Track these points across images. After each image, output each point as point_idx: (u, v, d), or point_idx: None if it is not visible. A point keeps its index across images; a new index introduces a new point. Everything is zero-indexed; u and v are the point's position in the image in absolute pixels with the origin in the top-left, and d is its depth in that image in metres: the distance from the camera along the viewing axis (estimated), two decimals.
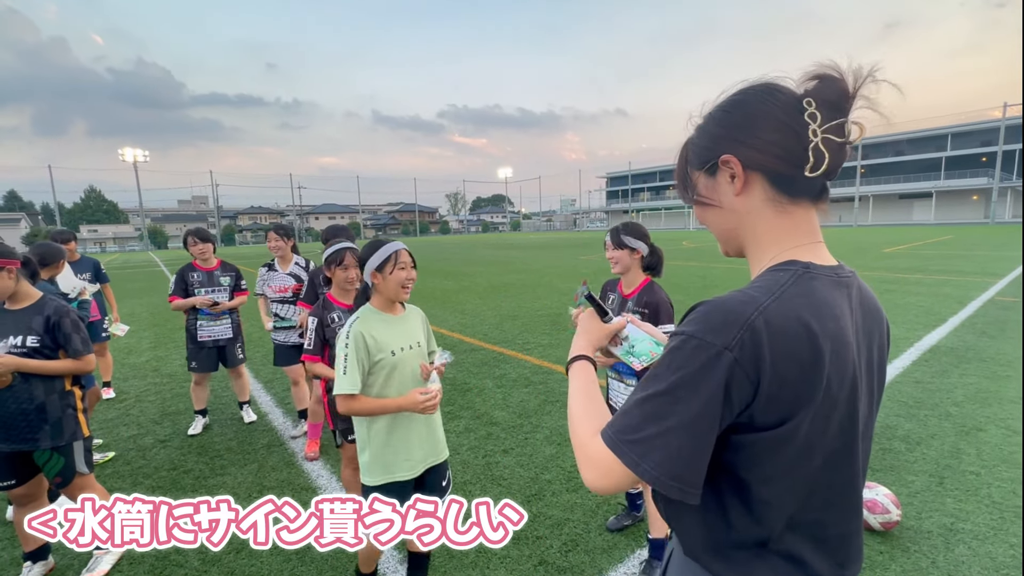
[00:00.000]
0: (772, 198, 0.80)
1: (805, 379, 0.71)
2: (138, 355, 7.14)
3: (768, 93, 0.79)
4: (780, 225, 0.81)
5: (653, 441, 0.72)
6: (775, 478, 0.76)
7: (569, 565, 2.48)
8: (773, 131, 0.77)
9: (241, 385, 4.47)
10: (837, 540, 0.82)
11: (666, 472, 0.71)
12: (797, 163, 0.76)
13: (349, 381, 1.89)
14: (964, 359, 5.37)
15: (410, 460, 2.00)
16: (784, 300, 0.73)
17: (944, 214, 55.22)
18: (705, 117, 0.86)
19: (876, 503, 2.56)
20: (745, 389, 0.70)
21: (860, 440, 0.80)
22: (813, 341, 0.71)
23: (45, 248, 3.53)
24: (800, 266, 0.78)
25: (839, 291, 0.79)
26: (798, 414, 0.72)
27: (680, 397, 0.71)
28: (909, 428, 3.80)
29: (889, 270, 13.01)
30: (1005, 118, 47.90)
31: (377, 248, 1.98)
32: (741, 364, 0.69)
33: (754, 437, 0.74)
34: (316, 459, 3.68)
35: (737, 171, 0.80)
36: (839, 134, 0.75)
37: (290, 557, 2.60)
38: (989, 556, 2.41)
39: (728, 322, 0.71)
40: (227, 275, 4.29)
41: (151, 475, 3.56)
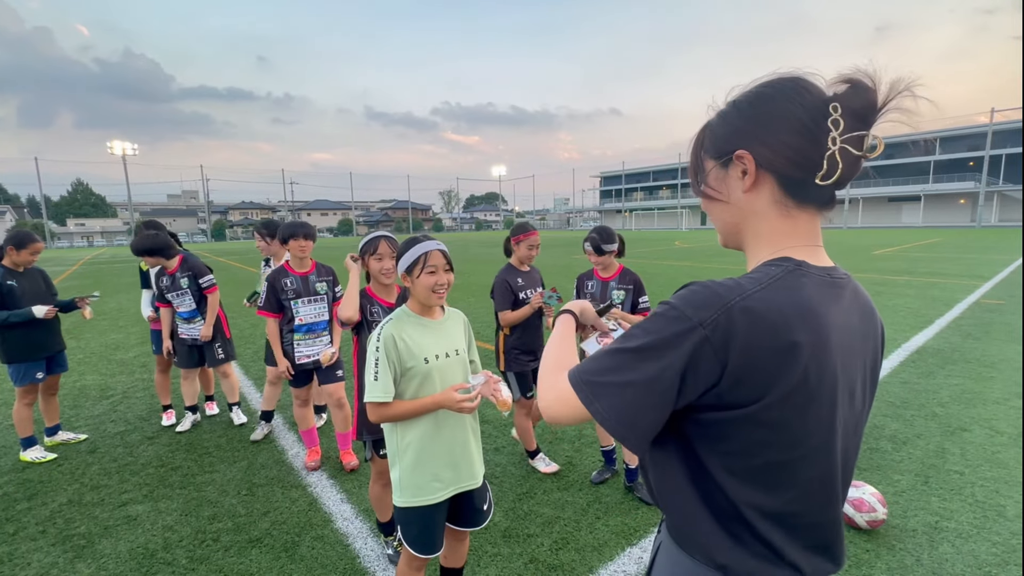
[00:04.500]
0: (779, 200, 0.80)
1: (777, 367, 0.72)
2: (126, 351, 7.06)
3: (796, 92, 0.77)
4: (782, 227, 0.82)
5: (609, 388, 0.77)
6: (744, 458, 0.78)
7: (560, 563, 2.49)
8: (793, 134, 0.76)
9: (229, 385, 4.34)
10: (811, 528, 0.83)
11: (615, 416, 0.76)
12: (810, 169, 0.76)
13: (381, 387, 1.73)
14: (950, 360, 5.45)
15: (440, 482, 1.82)
16: (769, 291, 0.74)
17: (932, 217, 55.95)
18: (728, 104, 0.84)
19: (863, 502, 2.59)
20: (711, 367, 0.73)
21: (840, 438, 0.81)
22: (790, 333, 0.72)
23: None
24: (793, 263, 0.79)
25: (830, 291, 0.79)
26: (765, 397, 0.74)
27: (645, 357, 0.75)
28: (896, 428, 3.85)
29: (878, 272, 13.16)
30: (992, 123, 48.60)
31: (409, 247, 1.82)
32: (711, 343, 0.72)
33: (721, 415, 0.76)
34: (318, 468, 3.50)
35: (750, 168, 0.80)
36: (858, 146, 0.74)
37: (279, 555, 2.59)
38: (972, 554, 2.45)
39: (709, 302, 0.73)
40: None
41: (138, 472, 3.52)
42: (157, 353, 4.40)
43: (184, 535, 2.78)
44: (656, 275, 13.27)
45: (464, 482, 1.88)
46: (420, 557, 1.85)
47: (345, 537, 2.73)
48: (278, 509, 3.01)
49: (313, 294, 3.43)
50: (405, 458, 1.81)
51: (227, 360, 4.28)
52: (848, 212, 57.97)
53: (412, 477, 1.80)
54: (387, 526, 2.58)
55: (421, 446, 1.80)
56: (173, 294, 4.06)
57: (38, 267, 3.93)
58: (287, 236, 3.41)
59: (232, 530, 2.81)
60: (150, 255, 3.96)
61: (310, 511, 2.99)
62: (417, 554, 1.83)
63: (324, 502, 3.08)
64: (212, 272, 4.21)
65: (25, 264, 3.76)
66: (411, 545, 1.83)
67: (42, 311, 3.63)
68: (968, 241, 25.22)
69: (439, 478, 1.82)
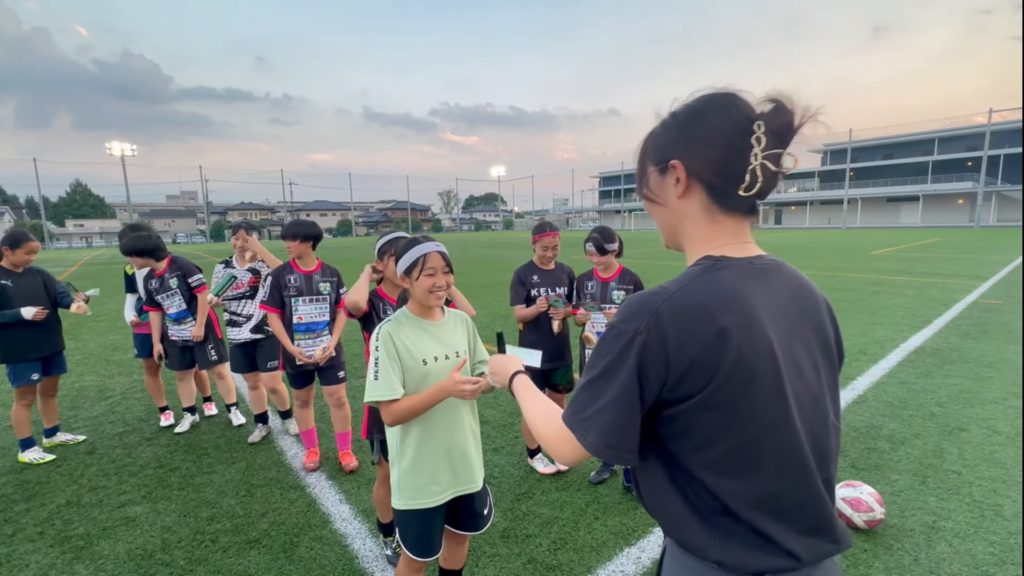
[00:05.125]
0: (707, 207, 0.89)
1: (709, 353, 0.79)
2: (125, 352, 7.05)
3: (725, 108, 0.85)
4: (710, 231, 0.90)
5: (592, 419, 0.85)
6: (708, 445, 0.83)
7: (558, 563, 2.49)
8: (720, 148, 0.84)
9: (226, 387, 4.31)
10: (796, 508, 0.85)
11: (603, 443, 0.84)
12: (734, 181, 0.84)
13: (384, 386, 1.69)
14: (948, 360, 5.46)
15: (438, 485, 1.80)
16: (689, 288, 0.83)
17: (930, 217, 56.03)
18: (669, 116, 0.92)
19: (860, 501, 2.60)
20: (658, 366, 0.81)
21: (797, 408, 0.85)
22: (716, 319, 0.80)
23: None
24: (711, 260, 0.88)
25: (751, 277, 0.86)
26: (710, 382, 0.80)
27: (607, 379, 0.84)
28: (894, 428, 3.86)
29: (877, 272, 13.18)
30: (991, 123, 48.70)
31: (407, 248, 1.80)
32: (650, 345, 0.80)
33: (678, 409, 0.83)
34: (316, 470, 3.50)
35: (681, 177, 0.88)
36: (776, 163, 0.82)
37: (278, 556, 2.59)
38: (970, 554, 2.46)
39: (639, 311, 0.83)
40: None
41: (137, 473, 3.52)
42: (141, 357, 4.38)
43: (183, 536, 2.78)
44: (655, 276, 13.28)
45: (463, 485, 1.86)
46: (419, 560, 1.84)
47: (344, 538, 2.73)
48: (277, 510, 3.01)
49: (315, 294, 3.42)
50: (404, 460, 1.80)
51: (220, 362, 4.22)
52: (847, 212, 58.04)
53: (410, 479, 1.79)
54: (388, 527, 2.58)
55: (420, 448, 1.79)
56: (163, 295, 4.03)
57: (40, 268, 3.91)
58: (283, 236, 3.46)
59: (231, 531, 2.81)
60: (140, 256, 3.94)
61: (309, 512, 2.99)
62: (415, 557, 1.83)
63: (323, 503, 3.08)
64: (201, 271, 4.20)
65: (23, 264, 3.75)
66: (409, 548, 1.82)
67: (30, 313, 3.61)
68: (966, 241, 25.27)
69: (437, 481, 1.80)
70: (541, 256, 3.26)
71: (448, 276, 1.82)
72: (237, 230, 4.00)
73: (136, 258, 3.97)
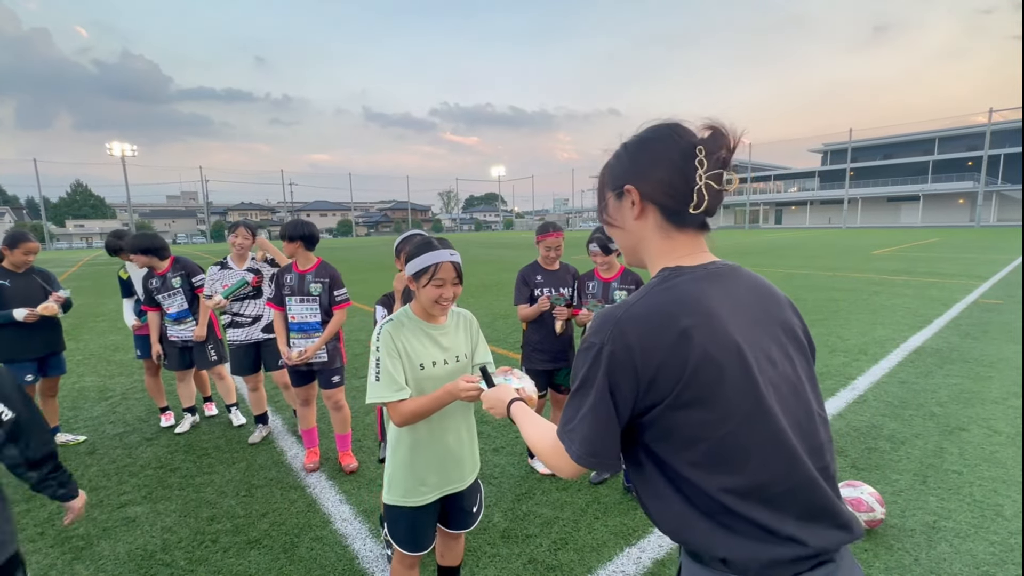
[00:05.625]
0: (661, 226, 0.97)
1: (674, 354, 0.84)
2: (125, 352, 7.05)
3: (670, 137, 0.93)
4: (667, 247, 0.98)
5: (575, 430, 0.92)
6: (691, 443, 0.86)
7: (559, 563, 2.49)
8: (667, 171, 0.92)
9: (226, 387, 4.30)
10: (788, 495, 0.86)
11: (586, 450, 0.90)
12: (684, 201, 0.92)
13: (385, 387, 1.66)
14: (948, 360, 5.46)
15: (425, 486, 1.80)
16: (648, 298, 0.90)
17: (931, 217, 56.00)
18: (621, 147, 1.01)
19: (861, 501, 2.60)
20: (627, 373, 0.86)
21: (776, 400, 0.88)
22: (675, 325, 0.85)
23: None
24: (668, 271, 0.94)
25: (708, 279, 0.92)
26: (680, 382, 0.84)
27: (584, 392, 0.90)
28: (894, 428, 3.86)
29: (877, 272, 13.18)
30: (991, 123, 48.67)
31: (421, 252, 1.73)
32: (616, 355, 0.86)
33: (656, 413, 0.87)
34: (317, 470, 3.49)
35: (636, 200, 0.96)
36: (717, 182, 0.90)
37: (278, 556, 2.59)
38: (970, 554, 2.46)
39: (604, 324, 0.89)
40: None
41: (137, 473, 3.52)
42: (142, 358, 4.38)
43: (183, 536, 2.78)
44: None
45: (452, 485, 1.86)
46: (410, 555, 1.85)
47: (344, 538, 2.73)
48: (277, 510, 3.01)
49: (305, 294, 3.39)
50: (397, 456, 1.81)
51: (220, 362, 4.21)
52: (847, 212, 58.02)
53: (401, 477, 1.80)
54: None
55: (414, 448, 1.79)
56: (164, 295, 4.03)
57: (42, 269, 3.90)
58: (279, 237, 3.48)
59: (231, 531, 2.81)
60: (145, 254, 3.95)
61: (309, 512, 2.99)
62: (405, 552, 1.84)
63: (323, 503, 3.08)
64: (204, 272, 4.20)
65: (22, 265, 3.75)
66: (399, 543, 1.84)
67: (21, 314, 3.60)
68: (967, 241, 25.25)
69: (425, 482, 1.80)
70: (545, 256, 3.26)
71: (457, 288, 1.76)
72: (236, 228, 3.97)
73: (140, 256, 3.96)
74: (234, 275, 3.93)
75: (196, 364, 4.20)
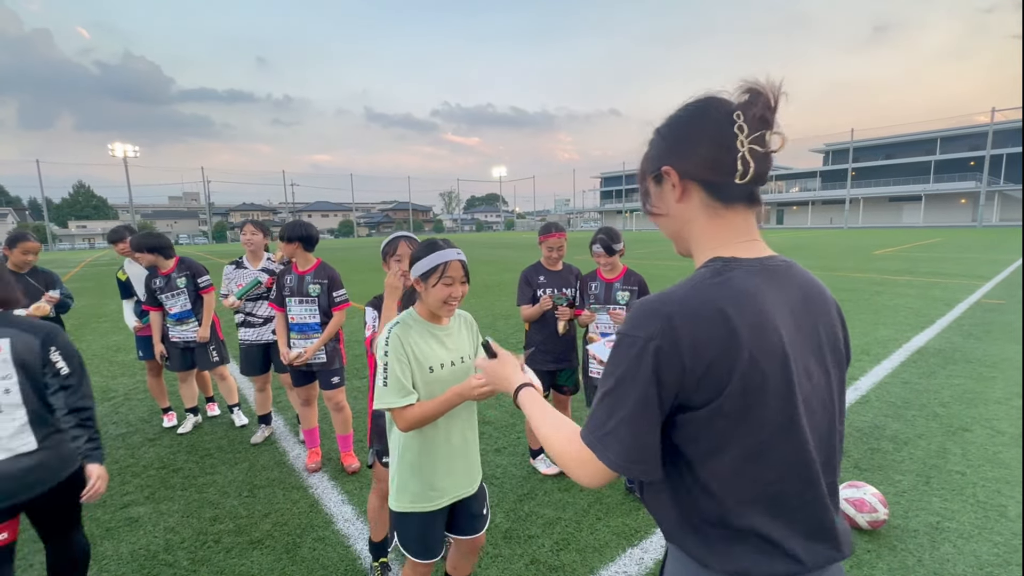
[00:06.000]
0: (708, 204, 0.89)
1: (724, 356, 0.79)
2: (127, 352, 7.06)
3: (703, 109, 0.88)
4: (715, 228, 0.90)
5: (611, 434, 0.82)
6: (719, 451, 0.82)
7: (561, 564, 2.49)
8: (705, 144, 0.86)
9: (227, 387, 4.30)
10: (799, 511, 0.85)
11: (626, 457, 0.81)
12: (727, 172, 0.85)
13: (393, 392, 1.64)
14: (951, 360, 5.44)
15: (436, 491, 1.78)
16: (700, 291, 0.83)
17: (933, 217, 55.89)
18: (655, 132, 0.95)
19: (864, 502, 2.59)
20: (674, 371, 0.79)
21: (805, 412, 0.84)
22: (727, 323, 0.79)
23: None
24: (721, 261, 0.87)
25: (762, 277, 0.86)
26: (725, 389, 0.79)
27: (624, 390, 0.82)
28: (897, 428, 3.85)
29: (879, 272, 13.15)
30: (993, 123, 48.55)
31: (427, 253, 1.72)
32: (664, 350, 0.79)
33: (692, 415, 0.82)
34: (319, 470, 3.49)
35: (675, 181, 0.90)
36: (762, 144, 0.84)
37: (280, 556, 2.59)
38: (974, 555, 2.45)
39: (649, 316, 0.81)
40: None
41: (140, 474, 3.53)
42: (144, 359, 4.36)
43: (185, 536, 2.78)
44: (656, 276, 13.26)
45: (461, 490, 1.85)
46: (422, 563, 1.82)
47: (346, 539, 2.73)
48: (279, 511, 3.01)
49: (304, 295, 3.39)
50: (405, 461, 1.78)
51: (222, 363, 4.22)
52: (848, 212, 57.92)
53: (410, 483, 1.77)
54: (378, 546, 2.48)
55: (421, 453, 1.76)
56: (167, 295, 4.02)
57: (45, 269, 3.89)
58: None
59: (233, 531, 2.81)
60: (151, 252, 3.95)
61: (311, 513, 2.99)
62: (418, 560, 1.81)
63: (325, 504, 3.08)
64: (208, 273, 4.21)
65: (24, 265, 3.74)
66: (412, 552, 1.80)
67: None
68: (969, 241, 25.19)
69: (435, 487, 1.78)
70: (547, 257, 3.27)
71: (465, 287, 1.75)
72: (244, 226, 3.99)
73: (146, 255, 3.96)
74: (248, 274, 3.95)
75: (198, 365, 4.20)
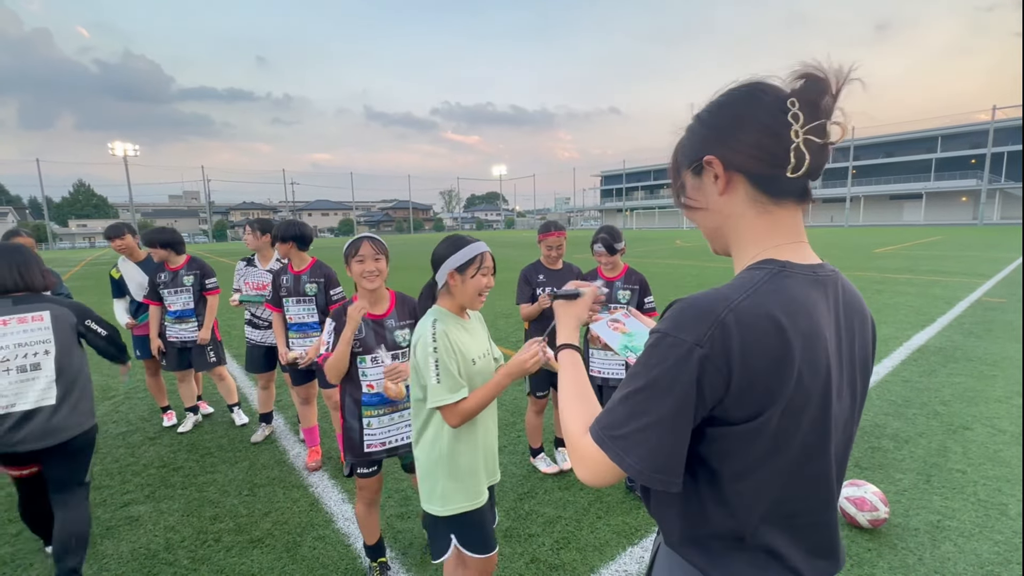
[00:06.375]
0: (754, 198, 0.81)
1: (775, 373, 0.72)
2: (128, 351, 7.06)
3: (752, 95, 0.80)
4: (762, 225, 0.82)
5: (635, 436, 0.75)
6: (749, 471, 0.78)
7: (561, 563, 2.49)
8: (755, 132, 0.78)
9: (226, 388, 4.28)
10: (809, 529, 0.83)
11: (648, 466, 0.75)
12: (778, 164, 0.77)
13: (446, 388, 1.62)
14: (952, 359, 5.44)
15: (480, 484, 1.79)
16: (756, 297, 0.74)
17: (934, 215, 55.84)
18: (693, 119, 0.88)
19: (864, 501, 2.59)
20: (717, 383, 0.72)
21: (834, 433, 0.81)
22: (783, 336, 0.72)
23: None
24: (776, 265, 0.79)
25: (816, 289, 0.79)
26: (769, 407, 0.73)
27: (657, 393, 0.74)
28: (897, 427, 3.84)
29: (879, 270, 13.14)
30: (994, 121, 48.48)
31: (460, 247, 1.72)
32: (712, 359, 0.71)
33: (727, 430, 0.76)
34: (318, 469, 3.48)
35: (719, 171, 0.82)
36: (820, 135, 0.75)
37: (281, 555, 2.59)
38: (974, 553, 2.45)
39: (699, 319, 0.73)
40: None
41: (140, 472, 3.53)
42: (142, 358, 4.34)
43: (186, 535, 2.78)
44: (657, 274, 13.26)
45: (492, 478, 1.88)
46: (488, 556, 1.80)
47: (346, 537, 2.73)
48: (279, 509, 3.01)
49: (301, 295, 3.39)
50: (451, 465, 1.74)
51: (219, 364, 4.19)
52: (849, 210, 57.85)
53: (459, 484, 1.75)
54: (373, 549, 2.45)
55: (465, 451, 1.75)
56: (170, 290, 4.00)
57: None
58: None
59: (234, 530, 2.82)
60: (164, 248, 3.97)
61: (311, 511, 2.99)
62: (485, 554, 1.79)
63: (325, 502, 3.08)
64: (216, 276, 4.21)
65: None
66: (476, 550, 1.78)
67: None
68: (970, 239, 25.16)
69: (479, 481, 1.78)
70: (547, 255, 3.26)
71: (493, 279, 1.79)
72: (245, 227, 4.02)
73: (159, 250, 3.97)
74: (257, 273, 3.99)
75: (195, 365, 4.17)
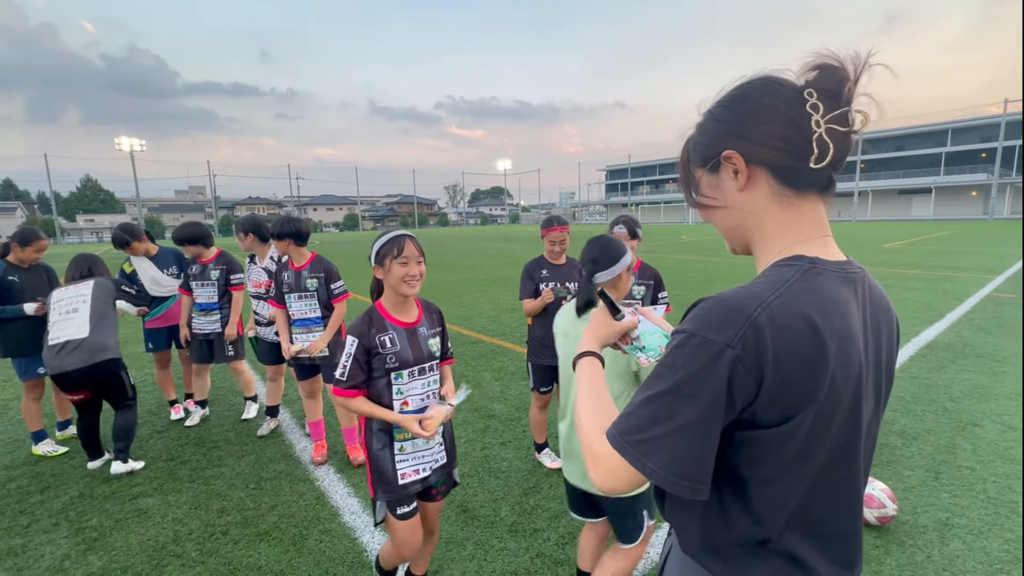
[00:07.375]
0: (778, 192, 0.78)
1: (809, 376, 0.69)
2: (136, 345, 7.11)
3: (768, 86, 0.77)
4: (786, 219, 0.79)
5: (659, 441, 0.71)
6: (776, 477, 0.75)
7: (566, 557, 2.49)
8: (775, 124, 0.75)
9: (244, 381, 4.34)
10: (836, 539, 0.81)
11: (674, 471, 0.71)
12: (801, 155, 0.74)
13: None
14: (961, 355, 5.39)
15: None
16: (788, 296, 0.71)
17: (943, 210, 55.22)
18: (705, 114, 0.85)
19: (872, 498, 2.57)
20: (748, 386, 0.69)
21: (863, 438, 0.79)
22: (818, 338, 0.69)
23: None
24: (806, 261, 0.76)
25: (847, 287, 0.77)
26: (801, 412, 0.70)
27: (684, 396, 0.70)
28: (906, 423, 3.81)
29: (888, 265, 13.02)
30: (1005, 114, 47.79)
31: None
32: (743, 361, 0.68)
33: (756, 434, 0.73)
34: (325, 463, 3.49)
35: (740, 166, 0.78)
36: (843, 123, 0.73)
37: (288, 548, 2.61)
38: (984, 551, 2.43)
39: (730, 319, 0.69)
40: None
41: (148, 465, 3.55)
42: (153, 351, 4.40)
43: (193, 528, 2.81)
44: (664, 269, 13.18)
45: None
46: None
47: (352, 531, 2.74)
48: (286, 503, 3.03)
49: (303, 290, 3.40)
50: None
51: (236, 358, 4.25)
52: (857, 205, 57.34)
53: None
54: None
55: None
56: (198, 283, 4.09)
57: (46, 264, 3.97)
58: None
59: (241, 523, 2.84)
60: (193, 244, 4.03)
61: (318, 505, 3.01)
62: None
63: (331, 496, 3.10)
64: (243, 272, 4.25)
65: (30, 261, 3.82)
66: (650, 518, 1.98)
67: (31, 308, 3.67)
68: (980, 234, 24.89)
69: None
70: (550, 251, 3.25)
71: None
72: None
73: (189, 247, 4.04)
74: (257, 271, 4.05)
75: (215, 357, 4.25)
